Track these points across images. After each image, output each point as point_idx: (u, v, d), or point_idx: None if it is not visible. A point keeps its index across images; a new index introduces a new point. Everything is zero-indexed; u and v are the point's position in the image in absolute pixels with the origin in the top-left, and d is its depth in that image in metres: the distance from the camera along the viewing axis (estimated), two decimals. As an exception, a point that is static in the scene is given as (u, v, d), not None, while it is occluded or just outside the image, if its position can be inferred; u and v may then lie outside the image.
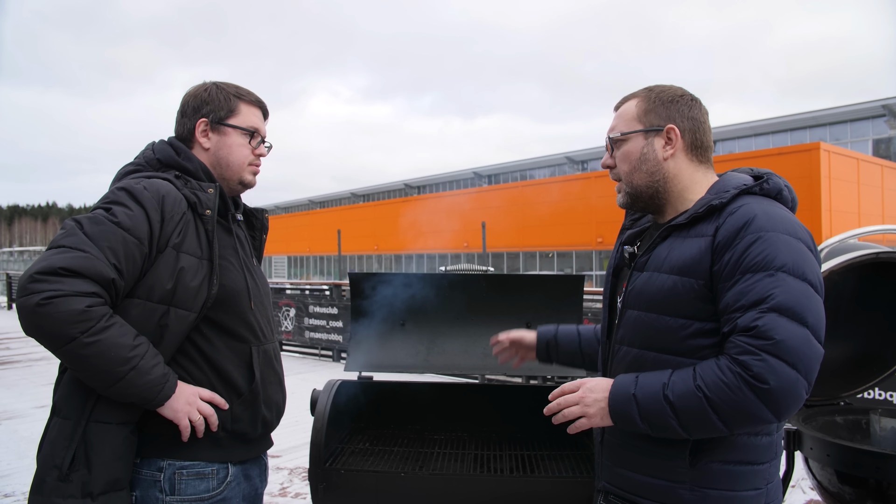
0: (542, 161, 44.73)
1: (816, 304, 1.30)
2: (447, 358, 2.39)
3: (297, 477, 4.50)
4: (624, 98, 1.61)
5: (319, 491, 2.04)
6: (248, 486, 1.68)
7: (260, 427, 1.67)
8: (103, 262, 1.40)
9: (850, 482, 2.14)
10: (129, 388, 1.42)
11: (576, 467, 2.16)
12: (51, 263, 1.37)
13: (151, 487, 1.52)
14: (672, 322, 1.41)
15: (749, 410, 1.26)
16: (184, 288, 1.52)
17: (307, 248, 49.52)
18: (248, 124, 1.74)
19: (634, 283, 1.51)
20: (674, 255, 1.43)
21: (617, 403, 1.40)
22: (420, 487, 2.01)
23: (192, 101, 1.72)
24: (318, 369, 9.43)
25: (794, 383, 1.24)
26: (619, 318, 1.56)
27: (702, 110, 1.55)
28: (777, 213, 1.38)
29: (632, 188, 1.55)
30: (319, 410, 2.13)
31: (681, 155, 1.51)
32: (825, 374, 2.57)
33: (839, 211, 22.09)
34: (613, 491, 1.54)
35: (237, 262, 1.66)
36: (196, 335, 1.57)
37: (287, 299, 10.88)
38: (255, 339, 1.67)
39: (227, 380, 1.60)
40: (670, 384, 1.34)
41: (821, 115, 31.30)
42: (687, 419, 1.31)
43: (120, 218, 1.46)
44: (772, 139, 32.32)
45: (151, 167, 1.65)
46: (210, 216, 1.59)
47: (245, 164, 1.74)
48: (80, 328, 1.35)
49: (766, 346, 1.24)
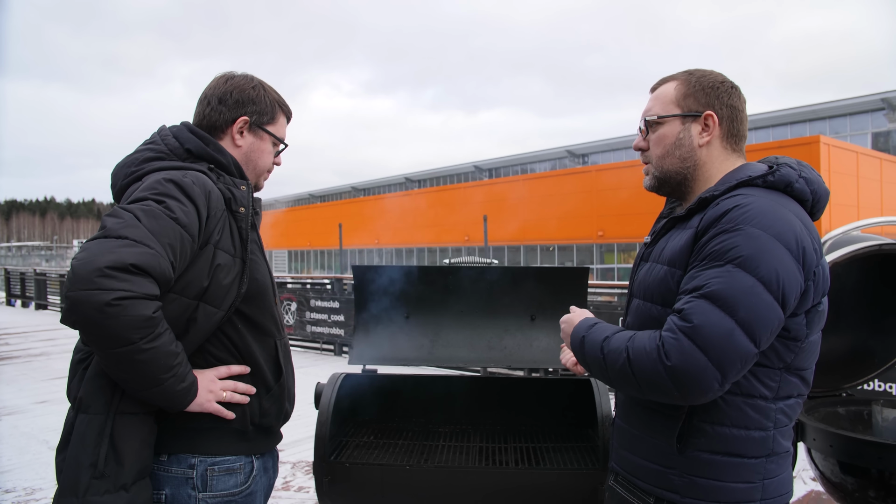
0: (542, 155, 44.66)
1: (757, 301, 1.25)
2: (451, 351, 2.40)
3: (300, 471, 4.51)
4: (662, 80, 1.58)
5: (324, 484, 2.04)
6: (266, 479, 1.70)
7: (282, 420, 1.69)
8: (166, 261, 1.35)
9: (852, 472, 2.15)
10: (164, 394, 1.39)
11: (581, 459, 2.16)
12: (121, 258, 1.28)
13: (183, 485, 1.50)
14: (661, 311, 1.42)
15: (656, 381, 1.28)
16: (217, 285, 1.49)
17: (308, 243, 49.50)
18: (281, 135, 1.75)
19: (640, 273, 1.55)
20: (668, 247, 1.45)
21: (574, 340, 1.51)
22: (425, 480, 2.02)
23: (237, 94, 1.66)
24: (319, 363, 9.44)
25: (700, 369, 1.23)
26: (627, 307, 1.60)
27: (741, 98, 1.53)
28: (765, 208, 1.32)
29: (661, 172, 1.54)
30: (324, 404, 2.14)
31: (716, 142, 1.50)
32: (827, 366, 2.58)
33: (839, 204, 22.08)
34: (619, 472, 1.60)
35: (262, 258, 1.65)
36: (230, 329, 1.56)
37: (288, 293, 10.89)
38: (279, 332, 1.68)
39: (259, 374, 1.60)
40: (611, 338, 1.41)
41: (820, 108, 31.25)
42: (613, 372, 1.38)
43: (177, 213, 1.40)
44: (772, 132, 32.28)
45: (178, 156, 1.58)
46: (244, 214, 1.56)
47: (265, 171, 1.75)
48: (142, 333, 1.30)
49: (683, 328, 1.25)
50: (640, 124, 1.58)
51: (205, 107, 1.67)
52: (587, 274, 2.39)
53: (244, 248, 1.56)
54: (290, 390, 1.71)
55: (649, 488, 1.47)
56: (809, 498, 3.88)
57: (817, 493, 3.89)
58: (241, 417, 1.56)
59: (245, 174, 1.66)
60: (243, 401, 1.55)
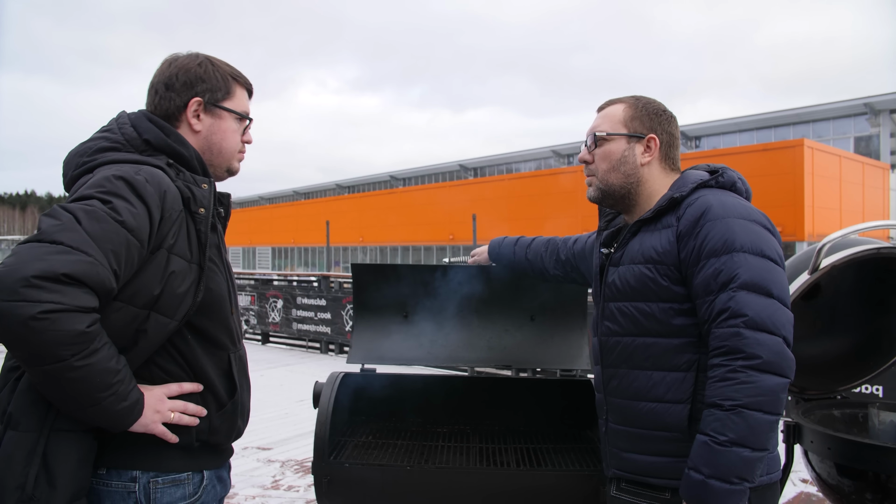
0: (528, 154, 44.78)
1: (778, 276, 1.43)
2: (451, 350, 2.38)
3: (290, 469, 4.47)
4: (610, 101, 1.73)
5: (324, 485, 2.01)
6: (221, 488, 1.58)
7: (234, 437, 1.56)
8: (107, 270, 1.21)
9: (849, 475, 2.17)
10: (102, 413, 1.27)
11: (581, 460, 2.16)
12: (52, 266, 1.15)
13: (125, 499, 1.37)
14: (654, 307, 1.54)
15: (770, 385, 1.36)
16: (170, 294, 1.36)
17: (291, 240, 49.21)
18: (242, 109, 1.59)
19: (613, 277, 1.63)
20: (646, 247, 1.56)
21: (719, 498, 1.36)
22: (426, 481, 2.00)
23: (184, 75, 1.51)
24: (305, 361, 9.39)
25: (778, 345, 1.37)
26: (602, 313, 1.66)
27: (677, 127, 1.72)
28: (731, 202, 1.51)
29: (605, 185, 1.67)
30: (323, 403, 2.11)
31: (655, 163, 1.66)
32: (824, 368, 2.61)
33: (821, 207, 22.37)
34: (624, 476, 1.61)
35: (221, 264, 1.50)
36: (180, 341, 1.43)
37: (275, 291, 10.81)
38: (233, 345, 1.53)
39: (210, 390, 1.47)
40: (712, 434, 1.36)
41: (804, 112, 31.64)
42: (750, 439, 1.35)
43: (124, 216, 1.26)
44: (756, 135, 32.61)
45: (135, 148, 1.42)
46: (203, 216, 1.42)
47: (235, 151, 1.60)
48: (73, 350, 1.17)
49: (744, 322, 1.37)
50: (586, 139, 1.71)
51: (153, 96, 1.52)
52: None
53: (202, 254, 1.42)
54: (244, 406, 1.57)
55: (663, 483, 1.52)
56: (800, 499, 3.91)
57: (807, 494, 3.93)
58: (187, 435, 1.43)
59: (208, 169, 1.52)
60: (192, 423, 1.43)
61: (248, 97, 1.64)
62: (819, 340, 2.64)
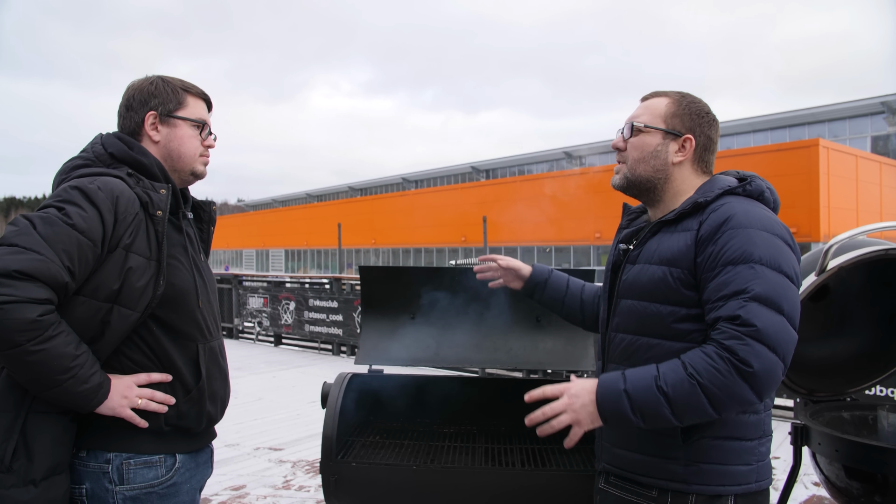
0: (539, 156, 44.72)
1: (792, 294, 1.42)
2: (457, 352, 2.40)
3: (301, 470, 4.51)
4: (655, 92, 1.70)
5: (331, 483, 2.04)
6: (199, 473, 1.71)
7: (204, 422, 1.69)
8: (58, 266, 1.39)
9: (857, 477, 2.15)
10: (64, 395, 1.43)
11: (586, 461, 2.17)
12: (5, 265, 1.34)
13: (101, 479, 1.54)
14: (662, 309, 1.53)
15: (736, 392, 1.36)
16: (130, 288, 1.51)
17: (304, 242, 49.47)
18: (196, 116, 1.74)
19: (628, 274, 1.63)
20: (663, 248, 1.55)
21: (606, 401, 1.44)
22: (431, 480, 2.02)
23: (139, 95, 1.70)
24: (318, 363, 9.44)
25: (773, 366, 1.35)
26: (614, 308, 1.67)
27: (717, 131, 1.67)
28: (756, 212, 1.49)
29: (633, 175, 1.65)
30: (331, 404, 2.14)
31: (687, 164, 1.63)
32: (833, 370, 2.60)
33: (837, 208, 22.15)
34: (613, 471, 1.64)
35: (186, 261, 1.67)
36: (146, 333, 1.58)
37: (287, 293, 10.88)
38: (202, 336, 1.68)
39: (177, 377, 1.62)
40: (661, 376, 1.41)
41: (820, 111, 31.35)
42: (680, 406, 1.39)
43: (74, 219, 1.44)
44: (770, 135, 32.36)
45: (102, 162, 1.62)
46: (161, 217, 1.58)
47: (196, 154, 1.75)
48: (27, 336, 1.34)
49: (750, 332, 1.35)
50: (623, 127, 1.69)
51: (119, 119, 1.73)
52: (594, 277, 2.39)
53: (160, 251, 1.57)
54: (214, 393, 1.70)
55: (650, 481, 1.54)
56: (811, 503, 3.88)
57: (819, 497, 3.90)
58: (156, 420, 1.58)
59: (168, 175, 1.68)
60: (160, 410, 1.57)
61: (204, 106, 1.80)
62: (828, 342, 2.62)
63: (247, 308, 11.57)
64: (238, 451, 4.85)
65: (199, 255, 1.76)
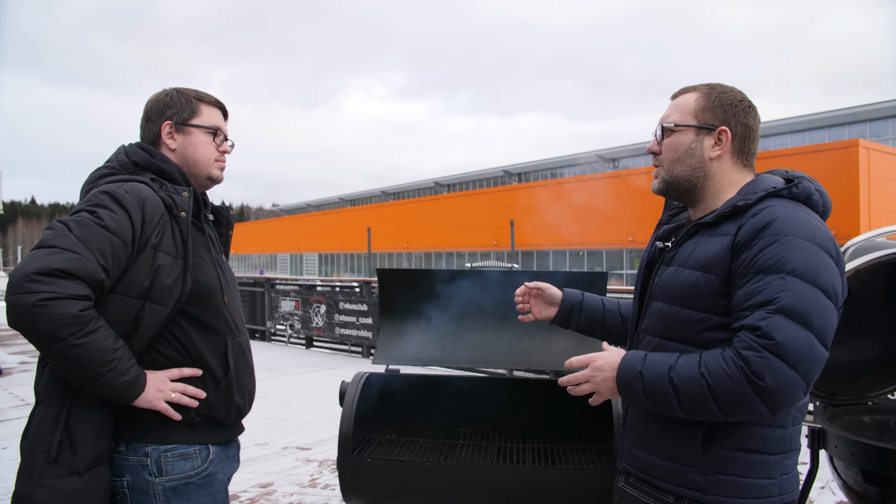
0: (572, 159, 44.45)
1: (824, 309, 1.33)
2: (472, 352, 2.44)
3: (327, 469, 4.60)
4: (683, 89, 1.64)
5: (347, 478, 2.11)
6: (229, 465, 1.79)
7: (234, 413, 1.77)
8: (94, 264, 1.48)
9: (875, 481, 2.13)
10: (105, 387, 1.51)
11: (597, 460, 2.19)
12: (46, 264, 1.43)
13: (140, 471, 1.62)
14: (692, 315, 1.47)
15: (746, 402, 1.32)
16: (159, 285, 1.60)
17: (338, 246, 49.99)
18: (210, 123, 1.83)
19: (661, 276, 1.58)
20: (698, 252, 1.49)
21: (624, 379, 1.47)
22: (444, 477, 2.07)
23: (156, 107, 1.80)
24: (347, 365, 9.55)
25: (790, 383, 1.30)
26: (645, 309, 1.63)
27: (756, 118, 1.58)
28: (799, 218, 1.40)
29: (671, 177, 1.60)
30: (347, 402, 2.20)
31: (726, 157, 1.56)
32: (853, 374, 2.57)
33: (879, 209, 21.51)
34: (632, 472, 1.61)
35: (210, 260, 1.75)
36: (175, 328, 1.67)
37: (318, 296, 11.04)
38: (230, 331, 1.76)
39: (206, 370, 1.70)
40: (676, 367, 1.40)
41: (861, 111, 30.51)
42: (687, 402, 1.38)
43: (106, 221, 1.53)
44: (809, 136, 31.60)
45: (126, 170, 1.72)
46: (184, 218, 1.67)
47: (211, 160, 1.84)
48: (70, 330, 1.43)
49: (768, 346, 1.29)
50: (656, 129, 1.63)
51: (141, 130, 1.83)
52: (606, 278, 2.42)
53: (186, 249, 1.67)
54: (242, 386, 1.79)
55: (669, 487, 1.51)
56: (837, 508, 3.81)
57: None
58: (187, 411, 1.66)
59: (189, 179, 1.77)
60: (192, 404, 1.66)
61: (219, 113, 1.89)
62: (849, 345, 2.59)
63: (279, 311, 11.77)
64: (267, 450, 4.97)
65: (221, 256, 1.85)
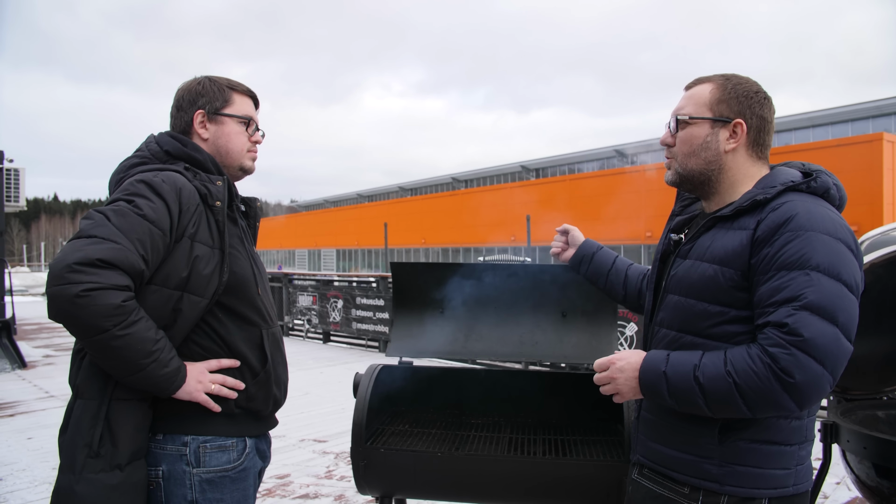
0: (590, 154, 44.20)
1: (849, 304, 1.35)
2: (485, 345, 2.47)
3: (343, 461, 4.66)
4: (698, 80, 1.62)
5: (361, 468, 2.15)
6: (261, 460, 1.80)
7: (271, 404, 1.77)
8: (135, 254, 1.45)
9: (888, 476, 2.13)
10: (147, 379, 1.49)
11: (608, 452, 2.21)
12: (87, 254, 1.40)
13: (178, 461, 1.60)
14: (710, 308, 1.48)
15: (774, 399, 1.33)
16: (197, 275, 1.58)
17: (355, 242, 50.20)
18: (242, 113, 1.81)
19: (677, 269, 1.58)
20: (716, 246, 1.49)
21: (647, 379, 1.48)
22: (455, 467, 2.10)
23: (188, 95, 1.78)
24: (364, 359, 9.63)
25: (818, 378, 1.31)
26: (661, 302, 1.63)
27: (771, 110, 1.57)
28: (819, 212, 1.41)
29: (684, 170, 1.59)
30: (361, 393, 2.24)
31: (741, 150, 1.55)
32: (868, 368, 2.56)
33: (903, 205, 21.15)
34: (647, 464, 1.62)
35: (244, 251, 1.74)
36: (212, 319, 1.65)
37: (335, 291, 11.13)
38: (264, 322, 1.75)
39: (244, 362, 1.69)
40: (701, 366, 1.40)
41: (885, 104, 29.96)
42: (714, 400, 1.38)
43: (145, 210, 1.51)
44: (831, 130, 31.13)
45: (158, 160, 1.69)
46: (220, 207, 1.66)
47: (244, 150, 1.82)
48: (113, 321, 1.41)
49: (795, 342, 1.30)
50: (669, 121, 1.62)
51: (171, 119, 1.81)
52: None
53: (222, 239, 1.65)
54: (279, 377, 1.79)
55: (684, 478, 1.52)
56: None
57: (862, 500, 3.80)
58: (225, 402, 1.66)
59: (221, 169, 1.76)
60: (231, 395, 1.65)
61: (251, 103, 1.87)
62: (864, 340, 2.56)
63: (297, 306, 11.89)
64: (284, 442, 5.05)
65: (253, 247, 1.84)
